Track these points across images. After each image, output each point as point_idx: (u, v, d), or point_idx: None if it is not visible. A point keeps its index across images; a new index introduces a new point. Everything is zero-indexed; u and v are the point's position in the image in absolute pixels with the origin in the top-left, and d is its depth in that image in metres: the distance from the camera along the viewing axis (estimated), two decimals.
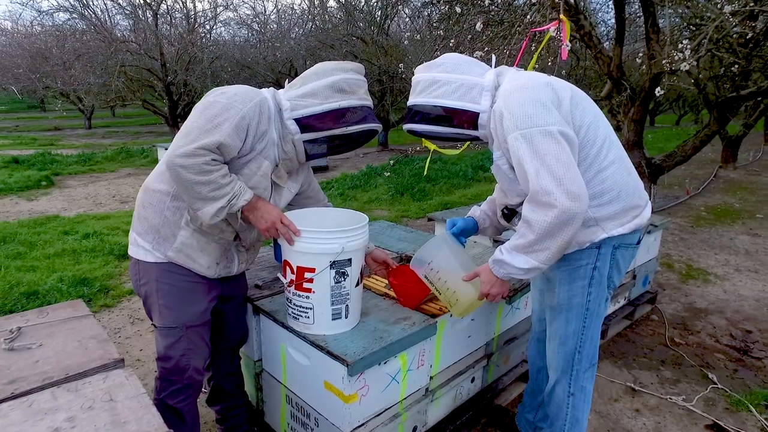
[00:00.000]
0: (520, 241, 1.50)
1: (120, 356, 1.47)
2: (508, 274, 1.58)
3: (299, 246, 1.60)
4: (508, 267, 1.55)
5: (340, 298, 1.66)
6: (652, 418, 2.39)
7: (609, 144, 1.59)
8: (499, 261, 1.58)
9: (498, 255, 1.58)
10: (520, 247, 1.51)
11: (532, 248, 1.48)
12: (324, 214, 1.86)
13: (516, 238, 1.52)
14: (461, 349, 2.11)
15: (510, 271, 1.56)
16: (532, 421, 2.08)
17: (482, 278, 1.65)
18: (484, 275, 1.65)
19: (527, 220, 1.47)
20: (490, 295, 1.65)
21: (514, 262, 1.53)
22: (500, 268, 1.59)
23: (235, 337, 1.93)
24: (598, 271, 1.65)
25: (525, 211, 1.49)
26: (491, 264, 1.61)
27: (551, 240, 1.45)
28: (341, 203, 6.67)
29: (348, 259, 1.63)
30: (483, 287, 1.65)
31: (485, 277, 1.64)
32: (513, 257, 1.53)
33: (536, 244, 1.47)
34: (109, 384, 1.33)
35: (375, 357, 1.60)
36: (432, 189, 7.51)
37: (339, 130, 1.64)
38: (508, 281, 1.65)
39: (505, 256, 1.55)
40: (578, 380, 1.77)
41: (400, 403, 1.81)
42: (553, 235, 1.44)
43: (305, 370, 1.75)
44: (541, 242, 1.46)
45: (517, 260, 1.52)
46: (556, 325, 1.75)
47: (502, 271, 1.58)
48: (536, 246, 1.47)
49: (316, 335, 1.69)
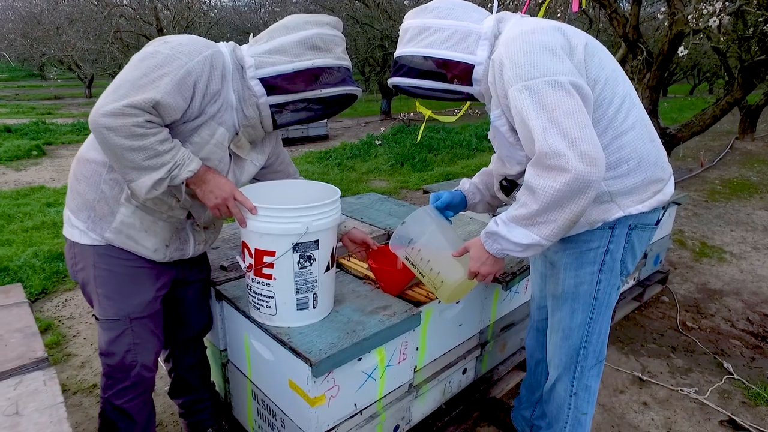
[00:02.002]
0: (521, 211, 1.25)
1: (44, 355, 1.26)
2: (502, 250, 1.33)
3: (256, 226, 1.36)
4: (504, 241, 1.31)
5: (306, 285, 1.43)
6: (661, 413, 2.18)
7: (629, 104, 1.32)
8: (492, 234, 1.33)
9: (492, 227, 1.34)
10: (519, 218, 1.26)
11: (534, 220, 1.24)
12: (290, 187, 1.61)
13: (516, 208, 1.28)
14: (451, 339, 1.89)
15: (505, 247, 1.32)
16: (529, 419, 1.88)
17: (472, 254, 1.42)
18: (474, 250, 1.41)
19: (531, 186, 1.22)
20: (480, 274, 1.42)
21: (510, 236, 1.28)
22: (494, 242, 1.34)
23: (197, 326, 1.71)
24: (610, 255, 1.40)
25: (528, 176, 1.23)
26: (483, 237, 1.37)
27: (558, 211, 1.20)
28: (339, 174, 6.42)
29: (314, 241, 1.39)
30: (472, 264, 1.41)
31: (475, 253, 1.40)
32: (510, 230, 1.29)
33: (540, 215, 1.22)
34: (20, 391, 1.12)
35: (346, 354, 1.38)
36: (434, 159, 7.22)
37: (312, 94, 1.39)
38: (503, 259, 1.41)
39: (501, 229, 1.31)
40: (582, 378, 1.54)
41: (378, 402, 1.61)
42: (561, 206, 1.19)
43: (269, 366, 1.54)
44: (546, 213, 1.21)
45: (514, 234, 1.28)
46: (560, 316, 1.52)
47: (495, 246, 1.34)
48: (540, 218, 1.23)
49: (279, 327, 1.47)
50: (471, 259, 1.42)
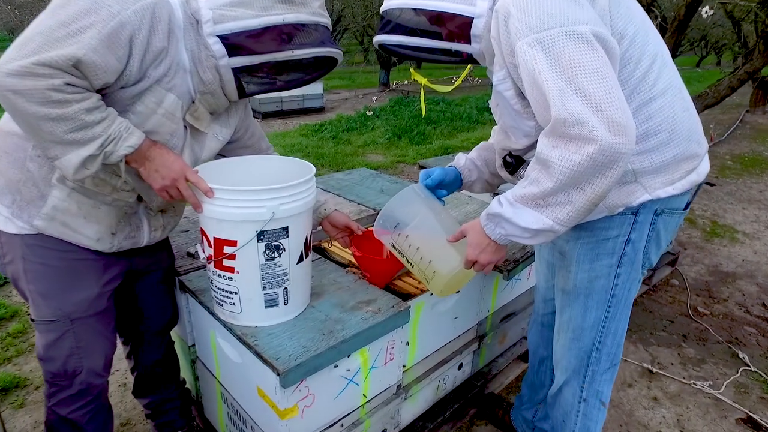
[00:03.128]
0: (531, 190, 1.04)
1: None
2: (506, 235, 1.12)
3: (213, 211, 1.14)
4: (508, 225, 1.10)
5: (275, 279, 1.22)
6: (672, 409, 2.01)
7: (660, 65, 1.09)
8: (495, 216, 1.12)
9: (495, 207, 1.12)
10: (529, 197, 1.05)
11: (546, 200, 1.02)
12: (257, 165, 1.38)
13: (524, 186, 1.06)
14: (445, 334, 1.70)
15: (510, 232, 1.11)
16: (531, 421, 1.70)
17: (469, 239, 1.20)
18: (472, 235, 1.20)
19: (544, 159, 1.00)
20: (478, 263, 1.21)
21: (517, 219, 1.07)
22: (496, 226, 1.13)
23: (159, 321, 1.51)
24: (632, 245, 1.19)
25: (542, 147, 1.01)
26: (483, 220, 1.16)
27: (577, 191, 0.99)
28: (333, 147, 6.16)
29: (283, 228, 1.18)
30: (469, 251, 1.20)
31: (474, 238, 1.19)
32: (517, 212, 1.07)
33: (554, 194, 1.01)
34: None
35: (321, 359, 1.19)
36: (432, 132, 6.95)
37: (283, 55, 1.17)
38: (505, 246, 1.20)
39: (505, 210, 1.09)
40: (593, 384, 1.36)
41: (361, 408, 1.42)
42: (580, 184, 0.98)
43: (237, 369, 1.35)
44: (562, 193, 1.00)
45: (522, 216, 1.06)
46: (570, 313, 1.32)
47: (498, 230, 1.13)
48: (554, 198, 1.01)
49: (245, 327, 1.27)
50: (468, 246, 1.20)
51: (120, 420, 1.88)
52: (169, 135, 1.17)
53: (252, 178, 1.33)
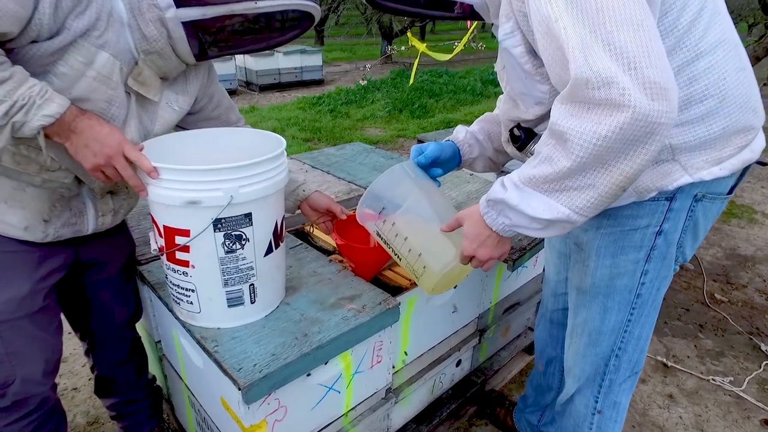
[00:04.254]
0: (543, 170, 0.83)
1: None
2: (511, 226, 0.92)
3: (159, 195, 0.94)
4: (514, 214, 0.90)
5: (238, 275, 1.04)
6: (690, 408, 1.85)
7: (712, 12, 0.87)
8: (497, 202, 0.92)
9: (497, 191, 0.91)
10: (540, 179, 0.84)
11: (562, 183, 0.82)
12: (220, 139, 1.18)
13: (534, 165, 0.86)
14: (442, 329, 1.52)
15: (515, 222, 0.91)
16: (536, 425, 1.54)
17: (466, 230, 0.99)
18: (469, 225, 0.99)
19: (560, 131, 0.80)
20: (475, 258, 1.01)
21: (524, 206, 0.87)
22: (498, 214, 0.93)
23: (116, 318, 1.34)
24: (664, 237, 0.99)
25: (557, 116, 0.80)
26: (484, 207, 0.95)
27: (602, 171, 0.79)
28: (331, 121, 5.92)
29: (245, 214, 0.98)
30: (466, 245, 1.00)
31: (471, 229, 0.99)
32: (525, 197, 0.87)
33: (573, 175, 0.81)
34: None
35: (292, 369, 1.01)
36: (434, 105, 6.68)
37: (243, 7, 0.97)
38: (510, 239, 1.00)
39: (511, 195, 0.89)
40: (610, 394, 1.18)
41: (344, 416, 1.25)
42: (606, 163, 0.78)
43: (201, 374, 1.17)
44: (583, 173, 0.80)
45: (531, 203, 0.86)
46: (586, 315, 1.13)
47: (501, 220, 0.93)
48: (572, 180, 0.81)
49: (206, 329, 1.09)
50: (464, 238, 1.00)
51: (87, 419, 1.73)
52: (105, 103, 0.96)
53: (212, 156, 1.13)
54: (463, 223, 1.02)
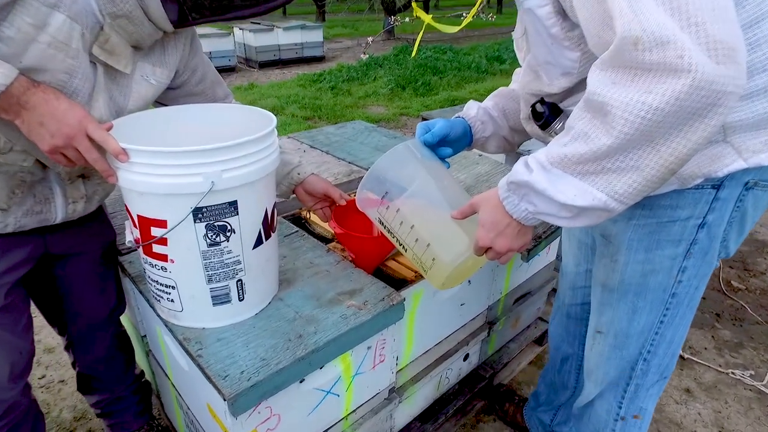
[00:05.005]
0: (576, 149, 0.71)
1: None
2: (535, 213, 0.80)
3: (130, 181, 0.82)
4: (540, 200, 0.77)
5: (223, 270, 0.92)
6: (708, 404, 1.75)
7: None
8: (521, 186, 0.79)
9: (520, 173, 0.79)
10: (573, 160, 0.72)
11: (600, 165, 0.70)
12: (204, 116, 1.04)
13: (566, 142, 0.73)
14: (449, 323, 1.41)
15: (541, 209, 0.78)
16: (549, 425, 1.44)
17: (482, 216, 0.88)
18: (486, 211, 0.87)
19: (600, 103, 0.67)
20: (492, 249, 0.88)
21: (553, 191, 0.74)
22: (521, 200, 0.80)
23: (95, 312, 1.23)
24: (707, 230, 0.87)
25: (597, 84, 0.68)
26: (504, 191, 0.83)
27: (649, 150, 0.66)
28: (332, 98, 5.75)
29: (229, 202, 0.86)
30: (482, 234, 0.88)
31: (488, 216, 0.86)
32: (553, 180, 0.74)
33: (613, 155, 0.68)
34: None
35: (284, 376, 0.90)
36: (438, 82, 6.49)
37: None
38: (532, 228, 0.88)
39: (537, 177, 0.76)
40: (636, 400, 1.07)
41: (344, 420, 1.16)
42: (654, 141, 0.65)
43: (187, 376, 1.07)
44: (626, 153, 0.67)
45: (560, 187, 0.74)
46: (613, 315, 1.02)
47: (524, 206, 0.80)
48: (612, 160, 0.68)
49: (190, 329, 0.98)
50: (480, 226, 0.88)
51: (74, 413, 1.64)
52: (65, 75, 0.83)
53: (194, 136, 1.00)
54: (478, 210, 0.89)
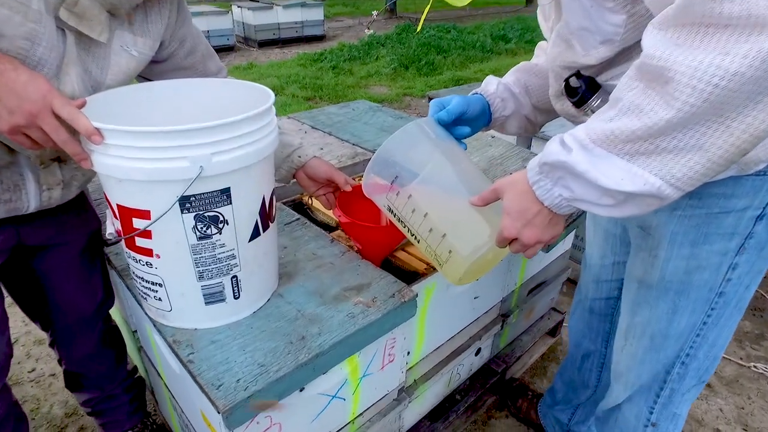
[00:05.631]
0: (626, 124, 0.60)
1: None
2: (571, 200, 0.69)
3: (105, 165, 0.72)
4: (578, 184, 0.66)
5: (216, 266, 0.82)
6: (730, 399, 1.67)
7: None
8: (556, 167, 0.68)
9: (556, 153, 0.67)
10: (621, 137, 0.61)
11: (654, 143, 0.59)
12: (194, 92, 0.93)
13: (612, 117, 0.62)
14: (462, 318, 1.32)
15: (579, 195, 0.67)
16: (566, 424, 1.36)
17: (507, 203, 0.76)
18: (512, 197, 0.75)
19: (660, 67, 0.56)
20: (518, 241, 0.77)
21: (594, 174, 0.63)
22: (555, 184, 0.69)
23: (81, 308, 1.14)
24: (766, 223, 0.77)
25: (655, 46, 0.56)
26: (535, 173, 0.72)
27: (720, 125, 0.55)
28: (333, 78, 5.59)
29: (221, 190, 0.76)
30: (507, 223, 0.76)
31: (515, 203, 0.75)
32: (595, 161, 0.63)
33: (673, 131, 0.57)
34: None
35: (285, 384, 0.81)
36: (442, 62, 6.31)
37: None
38: (564, 218, 0.77)
39: (576, 158, 0.65)
40: (670, 405, 0.98)
41: (351, 423, 1.07)
42: (726, 113, 0.54)
43: (179, 380, 0.98)
44: (690, 128, 0.56)
45: (604, 169, 0.63)
46: (650, 314, 0.92)
47: (558, 191, 0.69)
48: (670, 138, 0.58)
49: (180, 330, 0.88)
50: (505, 214, 0.77)
51: (65, 409, 1.56)
52: (25, 41, 0.72)
53: (182, 115, 0.89)
54: (502, 195, 0.78)
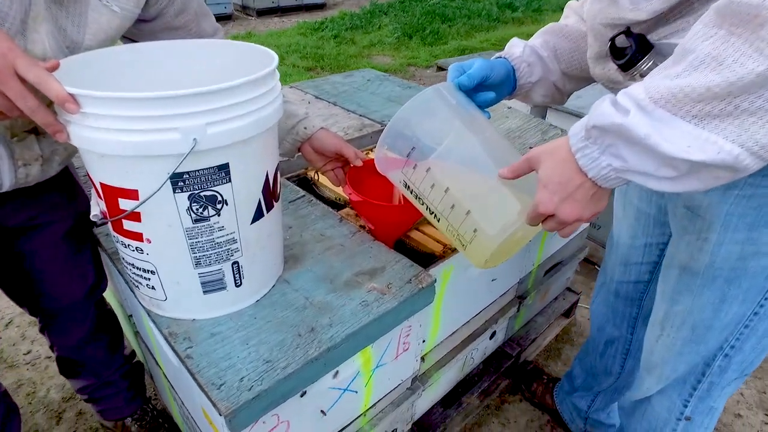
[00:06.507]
0: (699, 80, 0.50)
1: None
2: (622, 171, 0.59)
3: (84, 138, 0.62)
4: (633, 152, 0.56)
5: (215, 251, 0.73)
6: (752, 384, 1.61)
7: None
8: (606, 132, 0.58)
9: (608, 116, 0.57)
10: (693, 95, 0.51)
11: (732, 103, 0.49)
12: (189, 53, 0.83)
13: (679, 71, 0.52)
14: (479, 301, 1.25)
15: (633, 165, 0.57)
16: (585, 411, 1.30)
17: (544, 174, 0.66)
18: (550, 167, 0.65)
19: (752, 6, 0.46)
20: (555, 218, 0.67)
21: (656, 139, 0.53)
22: (604, 151, 0.59)
23: (71, 292, 1.06)
24: None
25: None
26: (579, 140, 0.61)
27: None
28: (335, 48, 5.40)
29: (219, 166, 0.66)
30: (544, 198, 0.66)
31: (553, 174, 0.65)
32: (657, 125, 0.53)
33: (760, 88, 0.47)
34: None
35: (293, 382, 0.73)
36: (447, 31, 6.10)
37: None
38: (609, 193, 0.66)
39: (635, 121, 0.54)
40: (707, 399, 0.91)
41: (362, 416, 1.00)
42: None
43: (178, 373, 0.91)
44: None
45: (667, 134, 0.53)
46: (692, 303, 0.83)
47: (607, 161, 0.59)
48: (754, 97, 0.48)
49: (176, 320, 0.80)
50: (541, 187, 0.66)
51: (62, 393, 1.50)
52: None
53: (174, 81, 0.79)
54: (537, 166, 0.67)
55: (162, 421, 1.33)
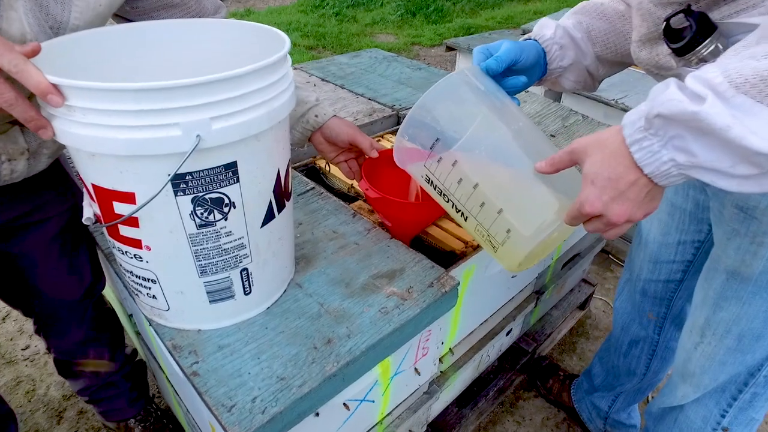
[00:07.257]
0: None
1: None
2: (686, 167, 0.51)
3: (70, 135, 0.54)
4: (703, 145, 0.48)
5: (221, 258, 0.66)
6: None
7: None
8: (673, 121, 0.49)
9: (677, 102, 0.48)
10: None
11: None
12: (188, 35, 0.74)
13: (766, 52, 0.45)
14: (497, 299, 1.18)
15: (703, 160, 0.49)
16: (606, 411, 1.25)
17: (590, 170, 0.57)
18: (598, 161, 0.56)
19: None
20: (603, 218, 0.58)
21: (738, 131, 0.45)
22: (665, 144, 0.51)
23: (66, 293, 0.99)
24: None
25: None
26: (636, 130, 0.53)
27: None
28: (336, 26, 5.24)
29: (225, 165, 0.59)
30: (591, 195, 0.57)
31: (602, 168, 0.56)
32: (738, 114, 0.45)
33: None
34: None
35: (311, 400, 0.67)
36: (452, 8, 5.92)
37: None
38: (662, 192, 0.57)
39: (713, 108, 0.46)
40: (748, 410, 0.86)
41: (378, 425, 0.95)
42: None
43: (184, 386, 0.84)
44: None
45: (751, 124, 0.45)
46: (740, 311, 0.77)
47: (669, 154, 0.51)
48: None
49: (180, 331, 0.73)
50: (588, 184, 0.57)
51: (63, 391, 1.45)
52: None
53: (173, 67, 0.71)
54: (582, 159, 0.59)
55: (166, 422, 1.28)
